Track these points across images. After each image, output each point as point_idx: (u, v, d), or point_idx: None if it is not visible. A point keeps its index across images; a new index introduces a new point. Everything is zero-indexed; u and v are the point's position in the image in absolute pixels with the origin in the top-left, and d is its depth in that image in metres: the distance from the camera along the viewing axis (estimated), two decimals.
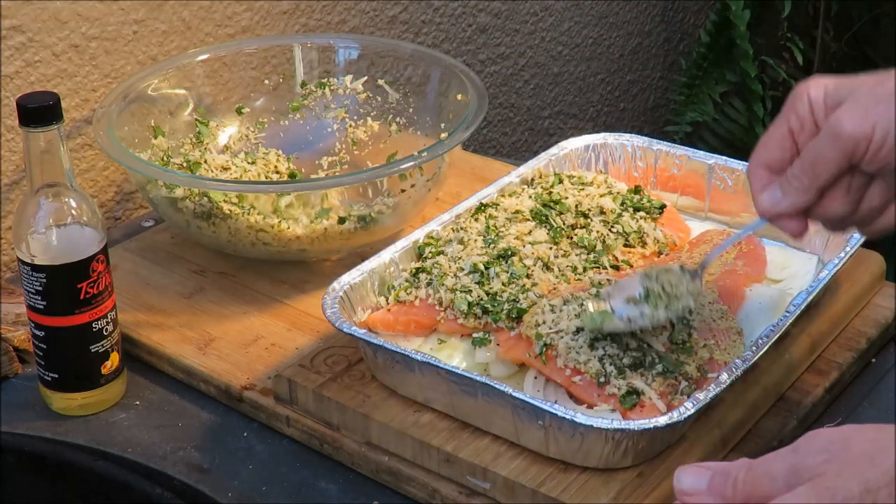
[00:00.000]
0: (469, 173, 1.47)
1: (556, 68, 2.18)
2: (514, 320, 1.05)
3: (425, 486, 1.00)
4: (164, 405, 1.14)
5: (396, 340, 1.07)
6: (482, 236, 1.17)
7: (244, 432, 1.10)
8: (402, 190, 1.28)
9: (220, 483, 1.04)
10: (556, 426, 0.94)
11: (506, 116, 2.12)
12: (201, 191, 1.23)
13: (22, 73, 1.36)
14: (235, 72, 1.47)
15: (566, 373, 1.00)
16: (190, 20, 1.52)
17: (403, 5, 1.82)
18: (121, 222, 1.50)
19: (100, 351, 1.10)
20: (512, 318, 1.06)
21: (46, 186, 1.06)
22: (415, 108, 1.45)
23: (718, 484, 0.72)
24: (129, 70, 1.46)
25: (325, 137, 1.47)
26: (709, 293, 1.10)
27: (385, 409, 1.03)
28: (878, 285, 1.21)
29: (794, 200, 0.92)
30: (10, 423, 1.11)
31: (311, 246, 1.24)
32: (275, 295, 1.26)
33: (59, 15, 1.37)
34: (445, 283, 1.10)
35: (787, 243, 1.23)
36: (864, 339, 1.15)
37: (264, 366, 1.14)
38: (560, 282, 1.11)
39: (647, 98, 2.44)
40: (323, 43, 1.51)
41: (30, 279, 1.07)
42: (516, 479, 0.95)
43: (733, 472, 0.72)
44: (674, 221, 1.25)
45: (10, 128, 1.36)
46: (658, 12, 2.37)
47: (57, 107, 1.04)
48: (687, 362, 1.00)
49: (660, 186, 1.31)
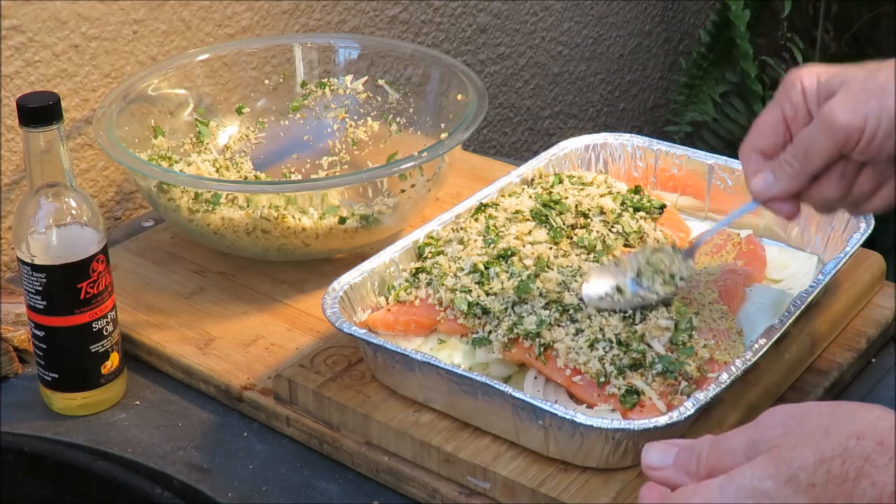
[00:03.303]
0: (469, 173, 1.47)
1: (556, 68, 2.18)
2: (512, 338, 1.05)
3: (425, 486, 1.00)
4: (164, 405, 1.15)
5: (396, 340, 1.07)
6: (482, 236, 1.17)
7: (244, 432, 1.10)
8: (402, 190, 1.28)
9: (220, 483, 1.04)
10: (556, 426, 0.94)
11: (506, 116, 2.12)
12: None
13: (22, 73, 1.36)
14: (235, 72, 1.47)
15: (566, 373, 1.00)
16: (190, 20, 1.52)
17: (403, 5, 1.82)
18: (121, 222, 1.50)
19: (100, 351, 1.10)
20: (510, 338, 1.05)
21: (46, 186, 1.06)
22: (415, 108, 1.45)
23: (684, 459, 0.74)
24: (129, 70, 1.46)
25: (325, 137, 1.47)
26: (709, 293, 1.10)
27: (385, 409, 1.03)
28: (878, 285, 1.21)
29: (786, 185, 0.95)
30: (10, 423, 1.11)
31: (314, 241, 1.24)
32: (275, 295, 1.26)
33: (59, 15, 1.37)
34: (445, 283, 1.10)
35: (787, 243, 1.23)
36: (864, 339, 1.15)
37: (264, 366, 1.14)
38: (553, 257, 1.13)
39: (647, 98, 2.44)
40: (323, 43, 1.51)
41: (30, 279, 1.07)
42: (516, 479, 0.95)
43: (697, 447, 0.74)
44: (674, 221, 1.25)
45: (10, 128, 1.36)
46: (658, 12, 2.37)
47: (57, 107, 1.04)
48: (687, 362, 1.00)
49: (660, 186, 1.31)
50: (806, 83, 0.94)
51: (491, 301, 1.07)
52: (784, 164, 0.95)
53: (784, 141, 0.96)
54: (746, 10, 2.18)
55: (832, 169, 0.94)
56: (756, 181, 0.97)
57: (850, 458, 0.67)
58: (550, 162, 1.31)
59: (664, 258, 1.08)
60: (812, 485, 0.67)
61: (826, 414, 0.70)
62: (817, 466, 0.67)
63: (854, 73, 0.92)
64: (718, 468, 0.72)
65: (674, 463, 0.74)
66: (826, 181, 0.94)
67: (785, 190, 0.95)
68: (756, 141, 0.97)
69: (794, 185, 0.95)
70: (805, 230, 1.22)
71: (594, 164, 1.34)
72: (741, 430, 0.73)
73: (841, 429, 0.69)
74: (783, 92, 0.96)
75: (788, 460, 0.68)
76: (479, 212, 1.22)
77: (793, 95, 0.95)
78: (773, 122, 0.96)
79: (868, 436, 0.68)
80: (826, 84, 0.93)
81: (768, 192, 0.96)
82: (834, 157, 0.92)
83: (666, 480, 0.75)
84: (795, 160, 0.94)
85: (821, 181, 0.94)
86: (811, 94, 0.94)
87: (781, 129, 0.96)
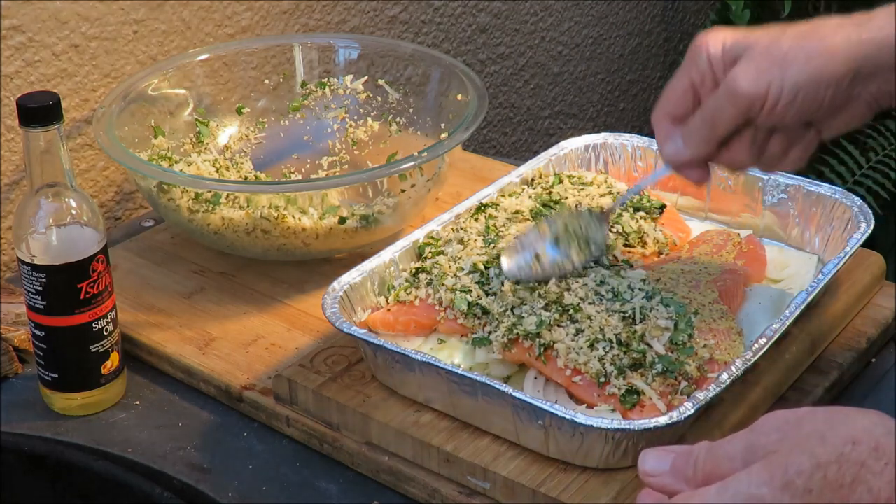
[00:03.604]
0: (469, 173, 1.47)
1: (556, 68, 2.18)
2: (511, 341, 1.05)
3: (425, 486, 1.00)
4: (164, 405, 1.15)
5: (396, 340, 1.07)
6: (482, 236, 1.17)
7: (244, 432, 1.10)
8: (402, 190, 1.28)
9: (220, 483, 1.04)
10: (556, 426, 0.94)
11: (506, 116, 2.12)
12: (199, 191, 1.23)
13: (22, 73, 1.36)
14: (235, 72, 1.47)
15: (566, 373, 1.00)
16: (190, 20, 1.52)
17: (403, 5, 1.82)
18: (121, 222, 1.50)
19: (100, 351, 1.10)
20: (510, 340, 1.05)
21: (46, 186, 1.06)
22: (415, 108, 1.45)
23: (680, 465, 0.74)
24: (129, 70, 1.46)
25: (325, 137, 1.47)
26: (709, 293, 1.10)
27: (385, 409, 1.03)
28: (878, 285, 1.21)
29: (695, 151, 0.97)
30: (10, 423, 1.11)
31: (314, 241, 1.24)
32: (275, 295, 1.26)
33: (59, 15, 1.37)
34: (445, 283, 1.10)
35: (787, 243, 1.23)
36: (864, 339, 1.15)
37: (264, 366, 1.14)
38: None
39: (647, 98, 2.44)
40: (323, 43, 1.51)
41: (30, 279, 1.07)
42: (516, 479, 0.95)
43: (694, 453, 0.74)
44: (674, 221, 1.25)
45: (10, 128, 1.36)
46: (658, 12, 2.37)
47: (57, 107, 1.04)
48: (687, 362, 1.00)
49: (660, 186, 1.31)
50: (711, 50, 0.96)
51: (491, 301, 1.07)
52: (692, 131, 0.97)
53: (693, 106, 0.98)
54: (746, 10, 2.19)
55: (742, 134, 0.96)
56: (667, 147, 0.99)
57: (846, 464, 0.67)
58: (550, 162, 1.31)
59: (581, 223, 1.09)
60: (808, 490, 0.67)
61: (822, 419, 0.70)
62: (813, 472, 0.67)
63: (758, 39, 0.94)
64: (715, 474, 0.72)
65: (670, 469, 0.74)
66: (736, 146, 0.97)
67: (695, 155, 0.98)
68: (666, 107, 0.99)
69: (702, 150, 0.97)
70: (805, 230, 1.22)
71: (594, 164, 1.34)
72: (737, 436, 0.73)
73: (837, 434, 0.69)
74: (690, 58, 0.97)
75: (784, 466, 0.68)
76: (479, 212, 1.22)
77: (699, 62, 0.96)
78: (683, 89, 0.98)
79: (864, 441, 0.68)
80: (731, 50, 0.95)
81: (679, 158, 0.99)
82: (739, 124, 0.95)
83: (663, 487, 0.75)
84: (703, 127, 0.96)
85: (731, 146, 0.97)
86: (716, 60, 0.95)
87: (690, 95, 0.98)
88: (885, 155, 2.18)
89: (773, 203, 1.24)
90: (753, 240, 1.21)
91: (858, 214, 1.16)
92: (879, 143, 2.20)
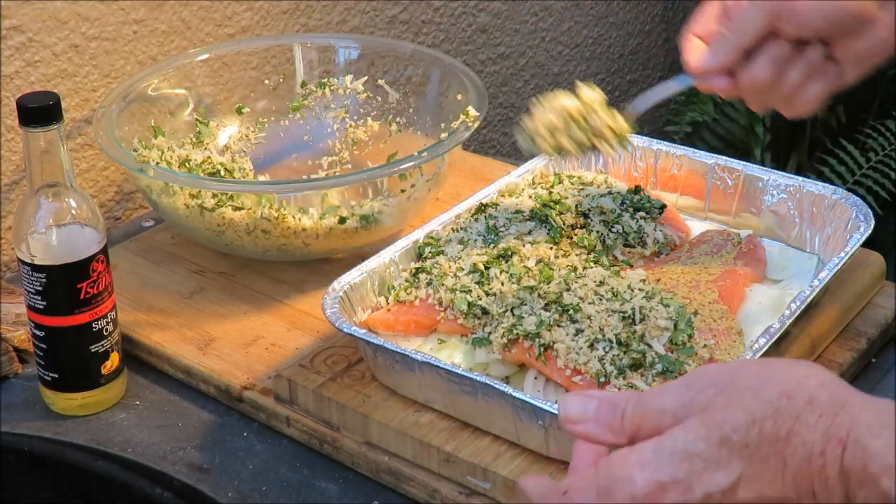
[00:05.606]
0: (469, 173, 1.47)
1: (556, 68, 2.18)
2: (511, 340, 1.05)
3: (425, 486, 1.00)
4: (164, 405, 1.15)
5: (396, 340, 1.07)
6: (482, 236, 1.17)
7: (244, 432, 1.11)
8: (402, 190, 1.28)
9: (220, 483, 1.04)
10: (556, 426, 0.94)
11: (506, 116, 2.12)
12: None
13: (22, 73, 1.36)
14: (235, 72, 1.47)
15: (566, 373, 1.00)
16: (190, 20, 1.52)
17: (403, 5, 1.82)
18: (121, 222, 1.50)
19: (100, 351, 1.10)
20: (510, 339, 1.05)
21: (46, 186, 1.06)
22: (415, 108, 1.45)
23: (606, 414, 0.73)
24: (129, 70, 1.46)
25: (325, 137, 1.47)
26: (709, 293, 1.10)
27: (385, 409, 1.03)
28: (878, 285, 1.21)
29: (722, 58, 1.01)
30: (10, 423, 1.11)
31: (314, 241, 1.24)
32: (275, 295, 1.26)
33: (59, 15, 1.37)
34: (445, 283, 1.10)
35: (787, 243, 1.23)
36: (864, 339, 1.15)
37: (264, 366, 1.15)
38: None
39: None
40: (323, 43, 1.51)
41: (30, 279, 1.07)
42: (516, 479, 0.95)
43: (621, 404, 0.73)
44: (674, 221, 1.25)
45: (10, 128, 1.36)
46: (658, 12, 2.37)
47: (57, 107, 1.04)
48: (687, 362, 1.00)
49: (660, 186, 1.31)
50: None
51: (490, 301, 1.07)
52: (720, 38, 1.01)
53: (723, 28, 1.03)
54: None
55: (764, 49, 0.99)
56: (693, 57, 1.03)
57: (781, 418, 0.67)
58: (550, 162, 1.31)
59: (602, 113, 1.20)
60: (745, 445, 0.67)
61: (755, 373, 0.70)
62: (749, 427, 0.67)
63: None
64: (645, 427, 0.71)
65: (595, 417, 0.73)
66: (759, 61, 0.99)
67: (720, 62, 1.01)
68: (696, 28, 1.05)
69: (728, 57, 1.00)
70: (805, 230, 1.22)
71: (594, 164, 1.34)
72: (668, 388, 0.72)
73: (770, 388, 0.69)
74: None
75: (720, 422, 0.68)
76: (479, 212, 1.22)
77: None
78: (714, 11, 1.04)
79: (797, 395, 0.68)
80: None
81: (704, 65, 1.02)
82: (766, 29, 0.98)
83: (586, 434, 0.73)
84: (731, 32, 1.00)
85: (753, 61, 0.99)
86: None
87: (721, 18, 1.03)
88: (885, 155, 2.18)
89: (773, 203, 1.24)
90: (753, 240, 1.21)
91: (858, 214, 1.16)
92: (879, 144, 2.20)
